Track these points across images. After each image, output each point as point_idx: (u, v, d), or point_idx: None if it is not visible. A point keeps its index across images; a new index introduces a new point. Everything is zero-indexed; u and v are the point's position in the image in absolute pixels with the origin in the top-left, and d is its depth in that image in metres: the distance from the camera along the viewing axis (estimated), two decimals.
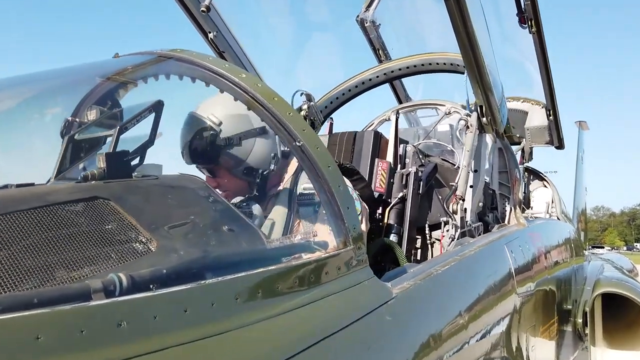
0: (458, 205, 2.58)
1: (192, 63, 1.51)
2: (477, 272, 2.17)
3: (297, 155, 1.42)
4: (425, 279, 1.74)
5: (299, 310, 1.21)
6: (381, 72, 3.88)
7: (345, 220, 1.43)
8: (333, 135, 2.90)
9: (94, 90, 1.70)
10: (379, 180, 2.65)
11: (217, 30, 2.91)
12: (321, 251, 1.40)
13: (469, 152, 2.75)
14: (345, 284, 1.38)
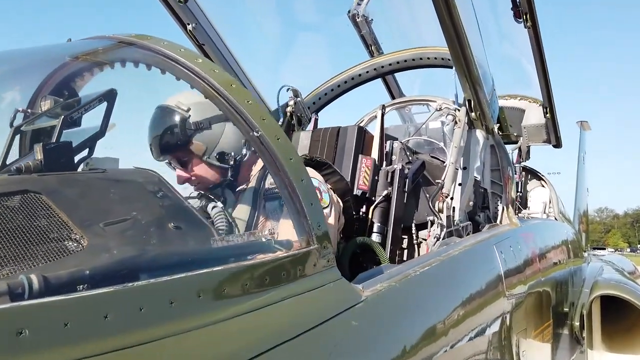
0: (444, 203, 2.47)
1: (147, 48, 1.41)
2: (461, 273, 2.06)
3: (255, 147, 1.31)
4: (401, 281, 1.63)
5: (249, 315, 1.10)
6: (371, 67, 3.77)
7: (308, 217, 1.32)
8: (316, 131, 2.79)
9: (52, 76, 1.60)
10: (363, 177, 2.54)
11: (197, 22, 2.80)
12: (281, 250, 1.29)
13: (456, 149, 2.63)
14: (306, 286, 1.27)
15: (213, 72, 1.34)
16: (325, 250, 1.37)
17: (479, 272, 2.19)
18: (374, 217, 2.52)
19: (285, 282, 1.22)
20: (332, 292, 1.35)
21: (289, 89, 3.38)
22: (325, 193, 2.02)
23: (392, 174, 2.58)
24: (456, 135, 2.69)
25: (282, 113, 3.32)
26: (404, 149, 2.89)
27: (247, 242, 1.30)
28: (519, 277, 2.73)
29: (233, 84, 1.34)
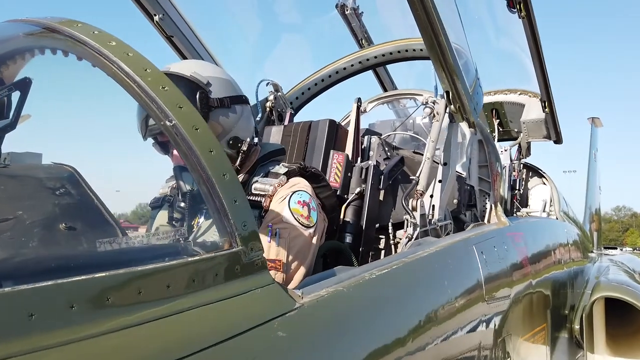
0: (418, 201, 2.31)
1: (60, 32, 1.28)
2: (427, 276, 1.91)
3: (170, 138, 1.18)
4: (351, 285, 1.49)
5: (151, 324, 0.98)
6: (356, 60, 3.63)
7: (230, 217, 1.19)
8: (288, 126, 2.66)
9: None
10: (334, 174, 2.40)
11: (164, 13, 2.69)
12: (198, 253, 1.16)
13: (433, 143, 2.48)
14: (225, 293, 1.14)
15: (126, 55, 1.21)
16: (253, 253, 1.23)
17: (450, 275, 2.03)
18: (346, 216, 2.38)
19: (199, 288, 1.09)
20: (259, 299, 1.21)
21: (268, 83, 3.25)
22: (314, 211, 1.85)
23: (366, 170, 2.44)
24: (434, 129, 2.53)
25: (261, 108, 3.19)
26: (382, 145, 2.75)
27: (157, 243, 1.17)
28: (503, 280, 2.57)
29: (148, 69, 1.21)
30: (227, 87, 1.87)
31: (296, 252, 1.74)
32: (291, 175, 1.93)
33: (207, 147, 1.19)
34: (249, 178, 1.94)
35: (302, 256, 1.77)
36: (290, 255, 1.73)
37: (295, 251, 1.74)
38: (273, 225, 1.74)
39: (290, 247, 1.73)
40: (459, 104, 2.48)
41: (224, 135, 1.86)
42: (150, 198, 1.88)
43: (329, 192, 2.04)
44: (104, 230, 1.11)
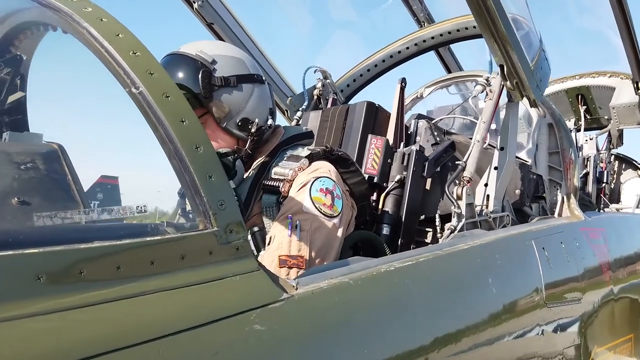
0: (464, 189, 2.05)
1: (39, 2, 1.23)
2: (465, 272, 1.66)
3: (138, 107, 1.07)
4: (360, 278, 1.30)
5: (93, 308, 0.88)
6: (412, 42, 3.37)
7: (203, 194, 1.06)
8: (325, 110, 2.50)
9: None
10: (371, 160, 2.21)
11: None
12: (165, 233, 1.04)
13: (484, 124, 2.20)
14: (192, 278, 1.01)
15: (99, 21, 1.12)
16: (232, 235, 1.09)
17: (497, 272, 1.77)
18: (385, 206, 2.17)
19: (159, 272, 0.97)
20: (236, 287, 1.07)
21: (316, 70, 3.10)
22: (339, 199, 1.68)
23: (408, 156, 2.22)
24: (486, 108, 2.25)
25: (309, 96, 3.06)
26: (431, 129, 2.50)
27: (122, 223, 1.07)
28: (572, 281, 2.23)
29: (121, 34, 1.12)
30: (235, 66, 1.76)
31: (320, 246, 1.58)
32: (314, 158, 1.77)
33: (178, 116, 1.07)
34: (270, 162, 1.81)
35: (326, 250, 1.61)
36: (313, 250, 1.57)
37: (319, 245, 1.58)
38: (293, 216, 1.59)
39: (313, 241, 1.57)
40: (517, 80, 2.18)
41: (232, 116, 1.76)
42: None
43: (358, 178, 1.85)
44: (63, 206, 1.03)
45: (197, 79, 1.66)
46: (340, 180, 1.76)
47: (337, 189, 1.68)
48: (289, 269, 1.50)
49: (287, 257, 1.51)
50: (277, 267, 1.51)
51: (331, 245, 1.63)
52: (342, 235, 1.71)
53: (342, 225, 1.70)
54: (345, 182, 1.81)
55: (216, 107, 1.72)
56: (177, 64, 1.70)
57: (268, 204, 1.71)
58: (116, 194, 1.31)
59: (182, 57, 1.70)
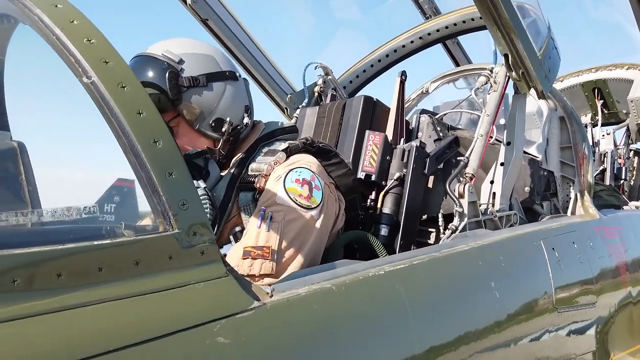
0: (466, 186, 1.93)
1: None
2: (465, 275, 1.54)
3: (91, 97, 0.98)
4: (345, 284, 1.19)
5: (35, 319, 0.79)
6: (416, 36, 3.25)
7: (161, 193, 0.97)
8: (322, 106, 2.39)
9: None
10: (369, 157, 2.10)
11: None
12: (123, 236, 0.95)
13: (488, 117, 2.07)
14: (147, 286, 0.92)
15: (52, 7, 1.04)
16: (196, 238, 1.00)
17: (501, 274, 1.64)
18: (384, 206, 2.06)
19: (109, 279, 0.88)
20: (199, 295, 0.98)
21: (317, 66, 3.00)
22: (318, 190, 1.58)
23: (408, 152, 2.10)
24: (490, 100, 2.12)
25: (309, 93, 2.96)
26: (434, 124, 2.38)
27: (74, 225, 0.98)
28: (585, 283, 2.09)
29: (75, 21, 1.03)
30: (205, 63, 1.66)
31: (292, 237, 1.48)
32: (293, 151, 1.67)
33: (134, 108, 0.98)
34: (248, 158, 1.71)
35: (300, 242, 1.49)
36: (284, 241, 1.46)
37: (291, 237, 1.48)
38: (267, 208, 1.49)
39: (285, 232, 1.47)
40: (523, 70, 2.05)
41: (204, 118, 1.66)
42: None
43: (343, 170, 1.75)
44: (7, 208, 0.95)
45: (164, 81, 1.57)
46: (322, 172, 1.66)
47: (316, 180, 1.58)
48: (252, 259, 1.40)
49: (252, 247, 1.41)
50: (240, 258, 1.41)
51: (306, 237, 1.52)
52: (323, 228, 1.60)
53: (322, 217, 1.59)
54: (330, 175, 1.70)
55: (187, 109, 1.63)
56: (143, 66, 1.61)
57: (245, 202, 1.62)
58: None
59: (148, 59, 1.62)
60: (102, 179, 1.15)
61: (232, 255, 1.45)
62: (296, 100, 3.00)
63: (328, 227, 1.63)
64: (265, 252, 1.40)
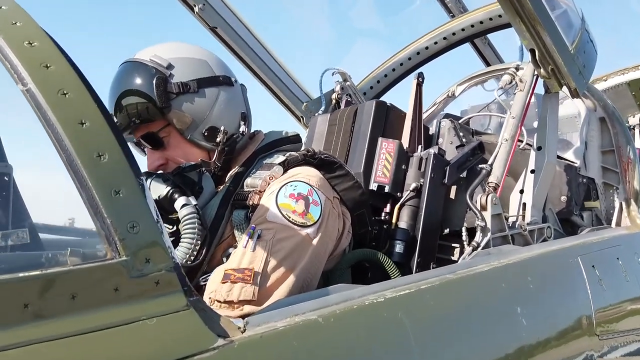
0: (489, 197, 1.73)
1: None
2: (483, 301, 1.34)
3: (30, 106, 0.86)
4: (335, 314, 1.03)
5: None
6: (440, 36, 3.05)
7: (105, 214, 0.84)
8: (334, 113, 2.23)
9: None
10: (382, 167, 1.92)
11: (205, 2, 2.47)
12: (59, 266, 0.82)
13: (514, 120, 1.87)
14: (87, 324, 0.79)
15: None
16: (149, 266, 0.86)
17: (528, 298, 1.43)
18: (399, 220, 1.88)
19: (37, 318, 0.75)
20: (152, 332, 0.84)
21: (334, 72, 2.85)
22: (316, 206, 1.41)
23: (425, 160, 1.92)
24: (516, 101, 1.92)
25: (326, 100, 2.82)
26: (456, 129, 2.18)
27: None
28: (631, 305, 1.83)
29: (19, 22, 0.92)
30: (196, 68, 1.54)
31: (281, 258, 1.31)
32: (291, 164, 1.52)
33: (76, 117, 0.86)
34: (244, 172, 1.58)
35: (291, 264, 1.33)
36: (272, 262, 1.30)
37: (280, 257, 1.31)
38: (256, 226, 1.35)
39: (273, 252, 1.31)
40: (552, 66, 1.84)
41: (196, 126, 1.53)
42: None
43: (349, 183, 1.57)
44: None
45: (151, 88, 1.46)
46: (325, 186, 1.49)
47: (314, 194, 1.41)
48: (232, 283, 1.24)
49: (233, 270, 1.26)
50: (220, 282, 1.26)
51: (299, 258, 1.35)
52: (320, 248, 1.43)
53: (321, 236, 1.42)
54: (334, 189, 1.54)
55: (177, 117, 1.51)
56: (129, 73, 1.51)
57: (238, 221, 1.47)
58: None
59: (135, 65, 1.51)
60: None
61: (212, 279, 1.31)
62: (312, 109, 2.86)
63: (327, 247, 1.46)
64: (246, 274, 1.24)
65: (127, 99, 1.50)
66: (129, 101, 1.50)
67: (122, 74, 1.54)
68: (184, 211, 1.42)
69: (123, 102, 1.51)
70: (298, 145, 1.74)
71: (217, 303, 1.25)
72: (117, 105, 1.51)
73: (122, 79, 1.53)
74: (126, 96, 1.51)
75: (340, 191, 1.56)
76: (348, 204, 1.59)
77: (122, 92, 1.51)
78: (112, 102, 1.52)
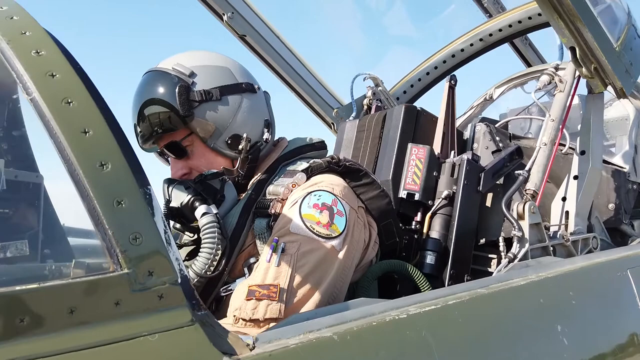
0: (526, 205, 1.61)
1: None
2: (519, 319, 1.24)
3: (36, 113, 0.85)
4: (352, 331, 0.97)
5: None
6: (476, 37, 2.94)
7: (107, 224, 0.81)
8: (362, 119, 2.17)
9: None
10: (412, 173, 1.85)
11: (233, 10, 2.47)
12: (67, 277, 0.80)
13: (553, 122, 1.75)
14: (86, 340, 0.76)
15: (8, 19, 0.93)
16: (152, 279, 0.83)
17: (570, 316, 1.32)
18: (431, 229, 1.79)
19: (35, 333, 0.73)
20: (154, 349, 0.80)
21: (365, 77, 2.79)
22: (341, 217, 1.36)
23: (458, 167, 1.83)
24: (556, 102, 1.80)
25: (357, 106, 2.76)
26: (491, 133, 2.08)
27: None
28: None
29: (28, 32, 0.91)
30: (219, 76, 1.51)
31: (307, 273, 1.26)
32: (315, 171, 1.46)
33: (79, 126, 0.84)
34: (267, 179, 1.54)
35: (317, 279, 1.28)
36: (297, 277, 1.25)
37: (306, 272, 1.26)
38: (279, 238, 1.30)
39: (298, 267, 1.26)
40: (595, 64, 1.71)
41: (220, 134, 1.50)
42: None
43: (375, 192, 1.50)
44: None
45: (174, 96, 1.44)
46: (349, 195, 1.43)
47: (339, 205, 1.35)
48: (257, 301, 1.19)
49: (257, 286, 1.21)
50: (244, 300, 1.21)
51: (325, 272, 1.29)
52: (347, 260, 1.37)
53: (347, 248, 1.36)
54: (359, 197, 1.47)
55: (200, 125, 1.48)
56: (152, 82, 1.50)
57: (260, 230, 1.43)
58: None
59: (157, 74, 1.50)
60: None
61: (236, 295, 1.27)
62: (343, 115, 2.81)
63: (353, 259, 1.40)
64: (271, 291, 1.20)
65: (150, 108, 1.49)
66: (151, 110, 1.49)
67: (144, 83, 1.53)
68: (204, 220, 1.39)
69: (146, 112, 1.50)
70: (323, 152, 1.69)
71: (242, 321, 1.21)
72: (140, 115, 1.51)
73: (145, 89, 1.52)
74: (148, 105, 1.50)
75: (366, 200, 1.50)
76: (374, 213, 1.52)
77: (145, 101, 1.50)
78: (135, 112, 1.52)
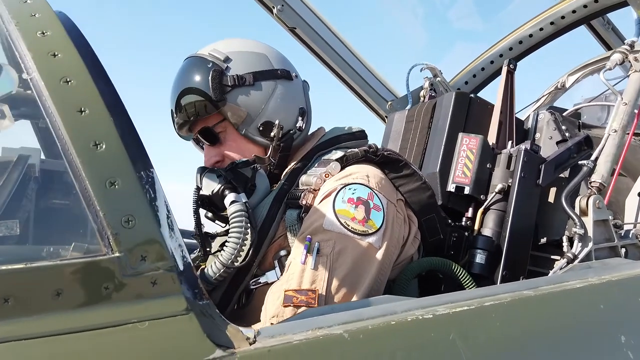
0: (590, 200, 1.42)
1: None
2: (572, 326, 1.08)
3: (34, 91, 0.84)
4: (367, 330, 0.88)
5: None
6: (546, 21, 2.69)
7: (99, 207, 0.78)
8: (412, 109, 2.04)
9: None
10: (462, 165, 1.71)
11: (283, 3, 2.43)
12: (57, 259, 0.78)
13: (625, 106, 1.53)
14: (72, 324, 0.73)
15: (22, 3, 0.94)
16: (145, 264, 0.79)
17: (631, 325, 1.13)
18: (483, 226, 1.64)
19: (18, 315, 0.71)
20: (144, 338, 0.76)
21: (423, 68, 2.65)
22: (378, 211, 1.27)
23: (515, 158, 1.66)
24: (630, 84, 1.58)
25: (413, 98, 2.63)
26: (556, 122, 1.88)
27: None
28: None
29: (37, 14, 0.91)
30: (254, 62, 1.46)
31: (345, 274, 1.18)
32: (350, 161, 1.37)
33: (75, 105, 0.81)
34: (301, 169, 1.47)
35: (355, 280, 1.19)
36: (335, 280, 1.17)
37: (344, 273, 1.18)
38: (312, 237, 1.22)
39: (335, 269, 1.18)
40: None
41: (251, 120, 1.45)
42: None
43: (416, 184, 1.39)
44: None
45: (207, 81, 1.42)
46: (387, 187, 1.33)
47: (375, 198, 1.25)
48: (295, 308, 1.13)
49: (295, 292, 1.14)
50: (282, 306, 1.14)
51: (363, 272, 1.20)
52: (386, 258, 1.27)
53: (385, 245, 1.26)
54: (399, 190, 1.37)
55: (232, 111, 1.44)
56: (189, 69, 1.48)
57: (291, 222, 1.36)
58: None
59: (194, 59, 1.48)
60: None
61: (272, 301, 1.20)
62: (398, 107, 2.70)
63: (392, 257, 1.30)
64: (310, 297, 1.13)
65: (186, 98, 1.48)
66: (187, 100, 1.48)
67: (182, 70, 1.53)
68: (232, 208, 1.35)
69: (182, 102, 1.49)
70: (363, 142, 1.59)
71: None
72: (177, 104, 1.50)
73: (182, 77, 1.51)
74: (185, 95, 1.49)
75: (405, 193, 1.39)
76: (414, 207, 1.41)
77: (181, 91, 1.49)
78: (172, 99, 1.52)
